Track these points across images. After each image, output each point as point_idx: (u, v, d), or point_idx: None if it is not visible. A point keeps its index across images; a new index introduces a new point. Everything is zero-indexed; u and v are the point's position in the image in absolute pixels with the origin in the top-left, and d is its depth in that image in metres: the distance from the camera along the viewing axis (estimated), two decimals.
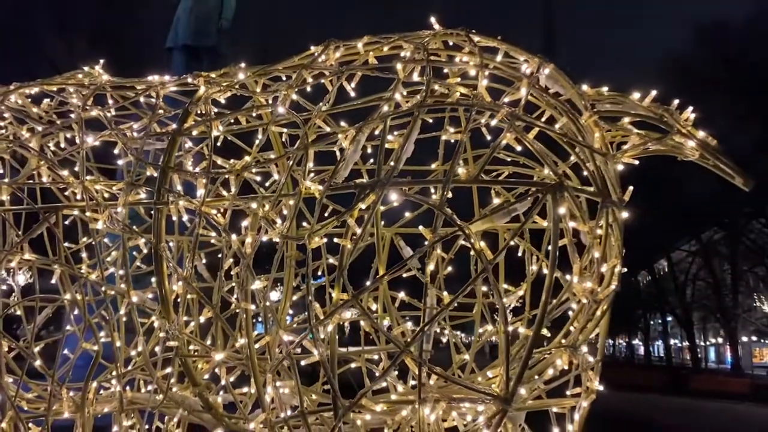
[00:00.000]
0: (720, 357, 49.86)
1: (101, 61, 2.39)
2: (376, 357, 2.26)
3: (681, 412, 16.47)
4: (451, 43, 1.82)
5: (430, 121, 1.81)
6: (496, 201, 1.67)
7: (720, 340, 46.80)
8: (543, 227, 1.70)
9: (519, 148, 1.59)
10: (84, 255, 2.55)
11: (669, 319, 43.92)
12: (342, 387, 1.61)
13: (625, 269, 1.95)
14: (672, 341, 53.34)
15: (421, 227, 1.45)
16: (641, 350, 56.87)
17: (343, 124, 1.78)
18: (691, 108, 1.79)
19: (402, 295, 2.09)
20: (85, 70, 2.35)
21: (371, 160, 2.29)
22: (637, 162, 1.74)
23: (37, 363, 2.15)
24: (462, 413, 1.59)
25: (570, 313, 1.71)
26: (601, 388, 1.86)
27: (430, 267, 1.57)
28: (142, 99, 2.30)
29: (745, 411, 18.18)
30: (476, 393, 1.51)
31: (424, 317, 1.56)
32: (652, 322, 50.11)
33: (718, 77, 33.58)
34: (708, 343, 51.38)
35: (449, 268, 2.19)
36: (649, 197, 36.14)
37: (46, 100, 2.37)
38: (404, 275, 2.05)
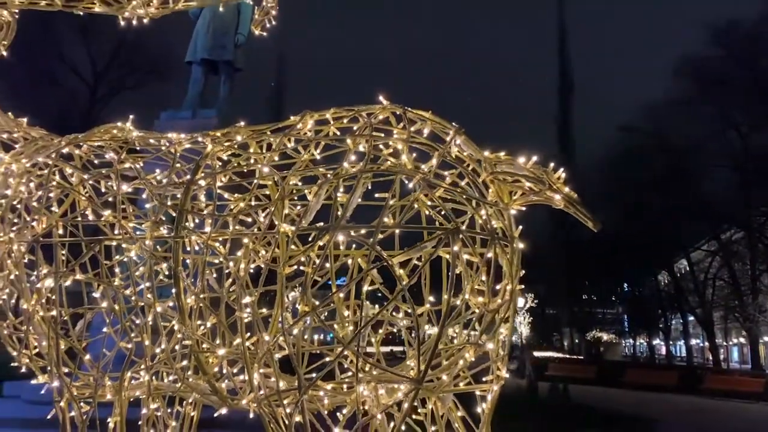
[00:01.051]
0: (743, 357, 49.48)
1: (131, 116, 3.00)
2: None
3: (689, 411, 16.72)
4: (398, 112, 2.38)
5: (369, 183, 2.35)
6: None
7: (743, 339, 46.49)
8: (446, 257, 2.23)
9: (429, 203, 2.15)
10: (117, 270, 3.16)
11: (690, 318, 43.91)
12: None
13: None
14: (694, 341, 53.16)
15: (359, 258, 2.00)
16: (663, 350, 56.78)
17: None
18: (561, 169, 2.34)
19: (368, 303, 2.64)
20: (118, 125, 2.96)
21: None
22: (524, 208, 2.31)
23: (87, 357, 2.76)
24: (390, 390, 2.16)
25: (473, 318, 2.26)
26: (507, 375, 2.43)
27: (365, 287, 2.13)
28: (163, 141, 2.89)
29: (756, 410, 18.36)
30: (398, 376, 2.08)
31: (361, 322, 2.12)
32: (673, 323, 50.04)
33: (733, 77, 33.63)
34: (731, 342, 50.99)
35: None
36: (669, 198, 36.30)
37: (84, 148, 2.98)
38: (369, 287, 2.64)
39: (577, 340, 51.75)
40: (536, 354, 41.18)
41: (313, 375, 2.26)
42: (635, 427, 11.70)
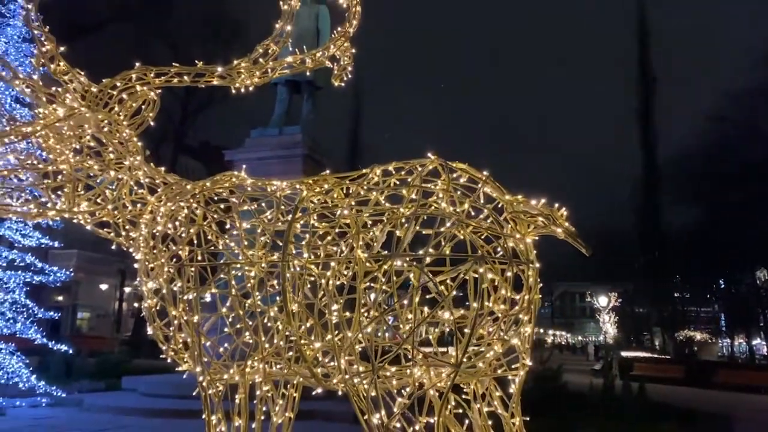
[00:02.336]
0: None
1: (244, 166, 3.91)
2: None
3: None
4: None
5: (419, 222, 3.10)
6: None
7: None
8: (475, 276, 2.95)
9: (461, 236, 2.89)
10: (233, 282, 4.09)
11: None
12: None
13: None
14: None
15: (411, 276, 2.80)
16: (765, 350, 53.92)
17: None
18: (563, 208, 3.02)
19: (426, 309, 3.39)
20: (234, 173, 3.89)
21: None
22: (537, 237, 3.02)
23: (221, 349, 3.70)
24: (438, 372, 2.91)
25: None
26: (530, 363, 3.14)
27: (416, 298, 2.91)
28: (275, 183, 3.78)
29: None
30: (442, 362, 2.84)
31: (415, 323, 2.89)
32: None
33: None
34: None
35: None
36: (764, 196, 34.72)
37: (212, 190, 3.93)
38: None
39: (668, 340, 50.16)
40: (625, 354, 40.33)
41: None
42: (710, 424, 11.81)
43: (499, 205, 3.04)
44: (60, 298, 46.55)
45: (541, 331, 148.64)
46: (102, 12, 45.93)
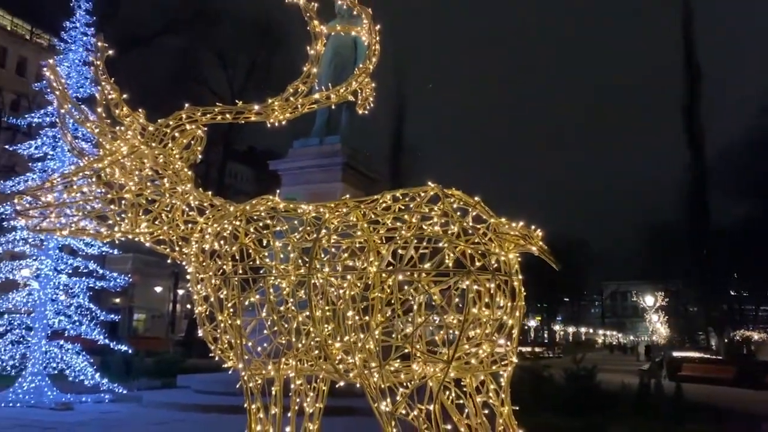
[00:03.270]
0: None
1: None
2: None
3: None
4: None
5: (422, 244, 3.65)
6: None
7: None
8: (463, 286, 3.46)
9: (452, 254, 3.43)
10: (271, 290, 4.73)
11: None
12: None
13: None
14: None
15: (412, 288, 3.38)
16: None
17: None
18: (539, 229, 3.54)
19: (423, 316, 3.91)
20: (269, 197, 4.53)
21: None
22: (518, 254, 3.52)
23: (260, 348, 4.34)
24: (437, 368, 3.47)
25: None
26: (515, 360, 3.65)
27: (415, 306, 3.46)
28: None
29: None
30: (435, 359, 3.40)
31: (414, 325, 3.45)
32: None
33: None
34: None
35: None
36: None
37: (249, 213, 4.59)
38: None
39: (726, 339, 48.87)
40: (677, 354, 39.66)
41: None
42: (744, 424, 11.89)
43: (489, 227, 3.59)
44: (117, 300, 48.66)
45: (591, 331, 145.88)
46: (154, 25, 47.91)
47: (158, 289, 63.29)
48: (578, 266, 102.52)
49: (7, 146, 17.96)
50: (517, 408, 3.87)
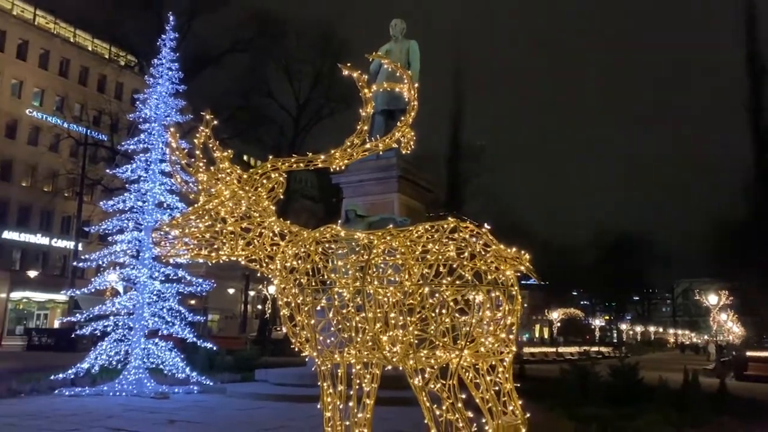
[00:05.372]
0: None
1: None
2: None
3: None
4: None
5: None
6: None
7: None
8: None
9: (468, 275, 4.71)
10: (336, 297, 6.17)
11: None
12: None
13: None
14: None
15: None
16: None
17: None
18: (526, 253, 4.79)
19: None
20: (334, 227, 5.92)
21: None
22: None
23: (328, 341, 5.75)
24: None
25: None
26: (514, 348, 4.93)
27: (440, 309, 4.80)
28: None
29: None
30: (453, 347, 4.71)
31: (438, 325, 4.78)
32: None
33: None
34: None
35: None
36: None
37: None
38: None
39: None
40: (751, 354, 38.94)
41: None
42: None
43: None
44: (193, 302, 51.71)
45: (661, 330, 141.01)
46: (223, 44, 50.79)
47: (231, 291, 66.36)
48: (644, 264, 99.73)
49: (108, 170, 20.28)
50: (518, 385, 5.14)
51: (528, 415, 5.19)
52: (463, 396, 4.90)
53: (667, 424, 10.12)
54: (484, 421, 5.12)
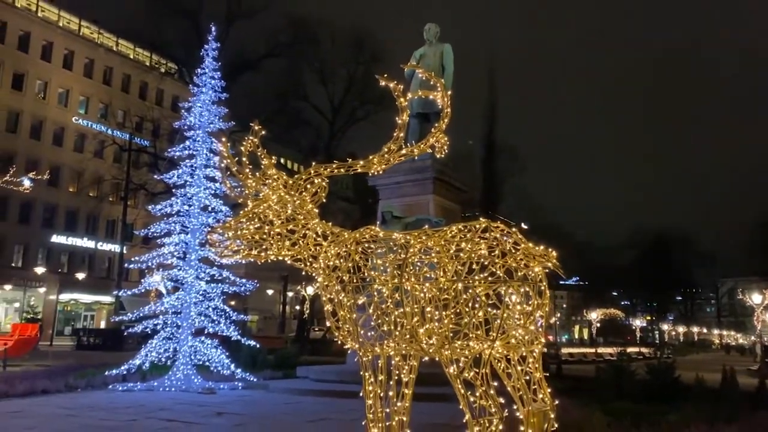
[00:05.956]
0: None
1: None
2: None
3: None
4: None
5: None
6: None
7: None
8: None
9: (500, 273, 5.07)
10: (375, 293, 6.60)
11: None
12: None
13: None
14: None
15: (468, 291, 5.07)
16: None
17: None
18: (553, 251, 5.11)
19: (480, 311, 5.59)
20: (372, 228, 6.34)
21: None
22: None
23: (369, 334, 6.16)
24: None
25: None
26: (543, 340, 5.25)
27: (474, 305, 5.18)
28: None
29: None
30: (486, 338, 5.08)
31: (471, 320, 5.14)
32: None
33: None
34: None
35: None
36: None
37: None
38: None
39: None
40: None
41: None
42: None
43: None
44: (233, 302, 52.76)
45: (704, 330, 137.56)
46: (260, 50, 51.97)
47: (269, 291, 67.43)
48: (687, 263, 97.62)
49: (155, 175, 21.15)
50: (547, 374, 5.47)
51: (557, 402, 5.52)
52: (495, 384, 5.25)
53: (700, 418, 10.23)
54: (514, 407, 5.47)
